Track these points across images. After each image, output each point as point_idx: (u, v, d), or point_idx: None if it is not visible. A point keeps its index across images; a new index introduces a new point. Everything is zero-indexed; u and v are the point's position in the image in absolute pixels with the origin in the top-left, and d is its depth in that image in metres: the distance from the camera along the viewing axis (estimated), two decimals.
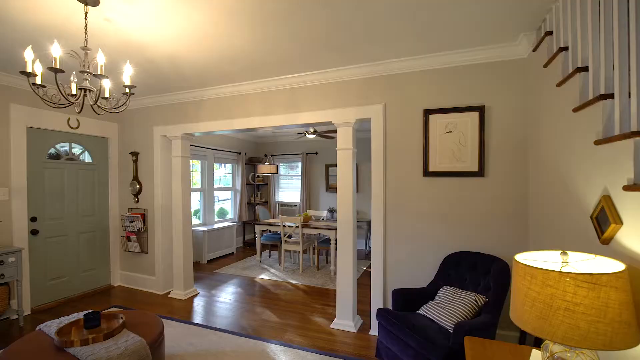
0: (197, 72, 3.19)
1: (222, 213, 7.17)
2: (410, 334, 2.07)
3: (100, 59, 1.82)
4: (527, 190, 2.54)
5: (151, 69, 3.12)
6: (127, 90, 2.06)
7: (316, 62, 2.93)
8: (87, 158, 4.32)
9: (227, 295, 4.10)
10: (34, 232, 3.72)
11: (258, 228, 5.64)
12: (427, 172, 2.78)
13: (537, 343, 1.89)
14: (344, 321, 3.13)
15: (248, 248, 7.01)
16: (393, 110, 2.92)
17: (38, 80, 1.87)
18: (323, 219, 5.96)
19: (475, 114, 2.61)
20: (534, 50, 2.28)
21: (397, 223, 2.93)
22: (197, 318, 3.42)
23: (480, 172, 2.61)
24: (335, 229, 4.89)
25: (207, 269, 5.37)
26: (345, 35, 2.42)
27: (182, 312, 3.59)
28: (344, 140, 3.06)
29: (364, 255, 6.22)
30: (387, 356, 2.30)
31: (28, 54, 1.77)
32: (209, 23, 2.26)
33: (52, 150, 3.95)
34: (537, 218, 2.32)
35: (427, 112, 2.76)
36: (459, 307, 2.20)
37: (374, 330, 3.00)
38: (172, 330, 3.10)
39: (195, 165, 6.30)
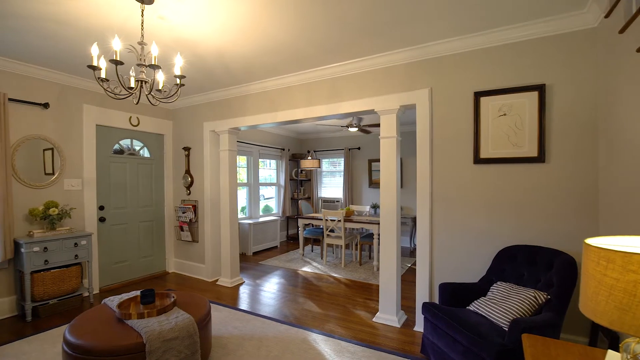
0: (242, 66, 3.30)
1: (267, 210, 7.37)
2: (459, 329, 1.94)
3: (154, 51, 1.95)
4: (597, 176, 2.25)
5: (201, 65, 3.28)
6: (178, 81, 2.18)
7: (357, 49, 2.88)
8: (145, 153, 4.68)
9: (270, 285, 4.19)
10: (101, 220, 4.11)
11: (301, 222, 5.70)
12: (478, 159, 2.59)
13: (612, 346, 1.66)
14: (387, 315, 3.03)
15: (291, 242, 7.13)
16: (440, 94, 2.76)
17: (102, 74, 2.05)
18: (366, 214, 5.86)
19: (534, 94, 2.37)
20: (606, 16, 2.00)
21: (444, 214, 2.77)
22: (242, 304, 3.54)
23: (540, 158, 2.36)
24: (379, 223, 4.78)
25: (252, 260, 5.55)
26: (386, 17, 2.33)
27: (228, 298, 3.74)
28: (388, 128, 2.96)
29: (408, 253, 6.01)
30: (434, 352, 2.18)
31: (94, 50, 1.94)
32: (252, 14, 2.31)
33: (116, 146, 4.34)
34: (611, 206, 2.04)
35: (478, 95, 2.57)
36: (516, 304, 2.01)
37: (419, 327, 2.87)
38: (219, 314, 3.24)
39: (242, 162, 6.55)
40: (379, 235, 4.88)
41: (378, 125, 5.14)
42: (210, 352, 2.45)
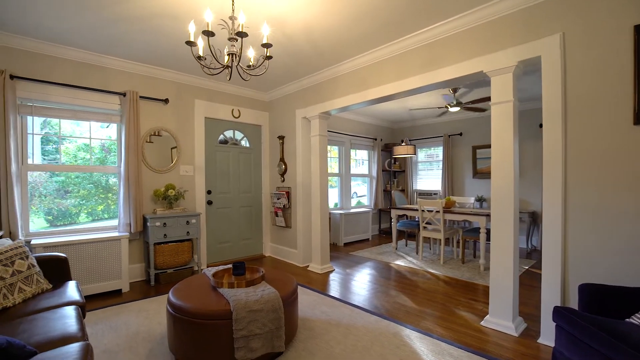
0: (330, 42, 3.16)
1: (359, 204, 7.21)
2: (621, 347, 1.39)
3: (242, 19, 1.95)
4: None
5: (291, 47, 3.28)
6: (266, 51, 2.16)
7: (456, 4, 2.43)
8: (245, 143, 5.03)
9: (360, 276, 3.99)
10: (209, 203, 4.56)
11: (394, 213, 5.34)
12: None
13: None
14: (501, 320, 2.50)
15: (384, 236, 6.80)
16: (576, 39, 2.11)
17: (200, 52, 2.17)
18: (469, 207, 5.14)
19: None
20: None
21: (584, 196, 2.11)
22: (331, 291, 3.43)
23: None
24: (486, 215, 4.10)
25: (342, 250, 5.45)
26: None
27: (318, 284, 3.68)
28: (501, 92, 2.43)
29: (524, 254, 5.04)
30: None
31: (191, 27, 2.05)
32: None
33: (221, 137, 4.76)
34: None
35: None
36: None
37: (546, 339, 2.27)
38: (308, 297, 3.19)
39: (334, 155, 6.52)
40: (487, 229, 4.19)
41: (486, 109, 4.43)
42: (296, 332, 2.38)
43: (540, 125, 5.33)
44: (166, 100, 4.07)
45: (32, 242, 3.01)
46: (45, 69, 3.26)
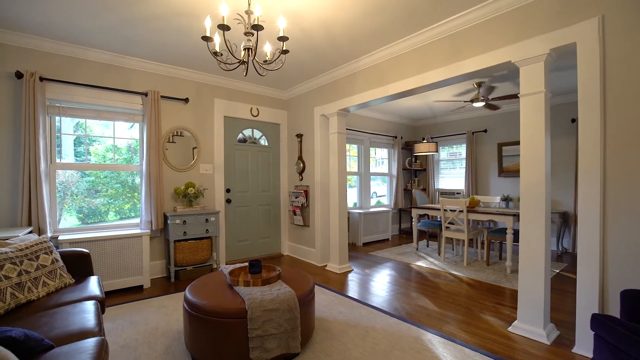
0: (348, 36, 3.09)
1: (378, 204, 7.08)
2: None
3: (257, 11, 1.92)
4: None
5: (307, 43, 3.23)
6: (282, 45, 2.12)
7: None
8: (264, 142, 5.02)
9: (380, 276, 3.89)
10: (228, 201, 4.59)
11: (415, 212, 5.19)
12: None
13: None
14: (530, 327, 2.34)
15: (404, 236, 6.64)
16: (616, 23, 1.93)
17: (216, 47, 2.15)
18: (494, 206, 4.91)
19: None
20: None
21: (627, 194, 1.93)
22: (350, 292, 3.35)
23: None
24: (513, 215, 3.90)
25: (361, 250, 5.35)
26: None
27: (336, 284, 3.62)
28: (531, 82, 2.27)
29: (555, 257, 4.76)
30: None
31: (207, 22, 2.03)
32: None
33: (240, 135, 4.78)
34: None
35: None
36: None
37: (582, 348, 2.10)
38: (325, 297, 3.13)
39: (353, 154, 6.42)
40: (514, 230, 3.99)
41: (513, 96, 4.22)
42: (312, 333, 2.33)
43: (573, 120, 5.02)
44: (186, 100, 4.12)
45: (59, 238, 3.11)
46: (68, 70, 3.36)
